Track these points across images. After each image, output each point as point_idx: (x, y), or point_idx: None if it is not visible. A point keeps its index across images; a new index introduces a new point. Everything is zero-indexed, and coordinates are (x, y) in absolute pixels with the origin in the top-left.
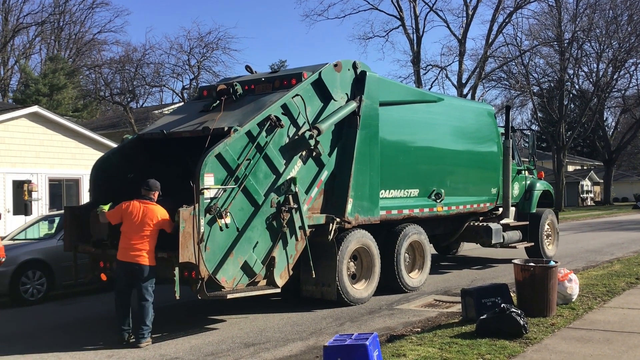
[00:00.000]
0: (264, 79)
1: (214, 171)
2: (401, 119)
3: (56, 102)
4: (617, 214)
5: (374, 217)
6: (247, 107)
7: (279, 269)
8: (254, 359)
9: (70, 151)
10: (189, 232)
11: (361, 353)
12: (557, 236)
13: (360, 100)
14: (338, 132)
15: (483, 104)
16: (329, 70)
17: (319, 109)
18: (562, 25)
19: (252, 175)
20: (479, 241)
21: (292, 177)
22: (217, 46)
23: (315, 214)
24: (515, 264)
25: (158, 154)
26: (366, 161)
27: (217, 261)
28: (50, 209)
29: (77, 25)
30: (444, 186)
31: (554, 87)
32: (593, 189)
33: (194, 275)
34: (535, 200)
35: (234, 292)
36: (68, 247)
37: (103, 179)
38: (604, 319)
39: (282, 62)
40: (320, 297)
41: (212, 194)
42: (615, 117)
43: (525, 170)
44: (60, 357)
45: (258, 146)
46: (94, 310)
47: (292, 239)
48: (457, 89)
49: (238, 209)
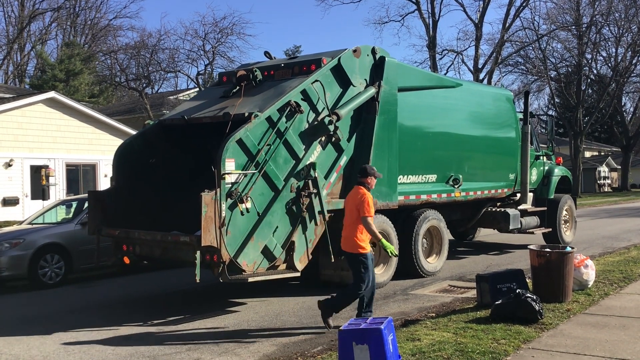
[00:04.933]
0: (283, 64)
1: (235, 156)
2: (419, 105)
3: (72, 88)
4: (634, 200)
5: (392, 202)
6: (267, 93)
7: (298, 253)
8: (269, 342)
9: (87, 136)
10: (211, 216)
11: (376, 337)
12: (575, 222)
13: (379, 85)
14: (357, 118)
15: (502, 89)
16: (348, 55)
17: (338, 94)
18: (580, 9)
19: (272, 161)
20: (496, 227)
21: (311, 163)
22: (231, 31)
23: (334, 199)
24: (531, 250)
25: (178, 139)
26: (385, 147)
27: (238, 245)
28: (67, 193)
29: (92, 11)
30: (462, 172)
31: (572, 72)
32: (610, 175)
33: (215, 258)
34: (553, 186)
35: (255, 275)
36: (92, 231)
37: (126, 164)
38: (620, 305)
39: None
40: (338, 281)
41: (233, 179)
42: (634, 103)
43: (543, 155)
44: (78, 338)
45: (278, 132)
46: (112, 293)
47: (311, 224)
48: (473, 74)
49: (258, 194)
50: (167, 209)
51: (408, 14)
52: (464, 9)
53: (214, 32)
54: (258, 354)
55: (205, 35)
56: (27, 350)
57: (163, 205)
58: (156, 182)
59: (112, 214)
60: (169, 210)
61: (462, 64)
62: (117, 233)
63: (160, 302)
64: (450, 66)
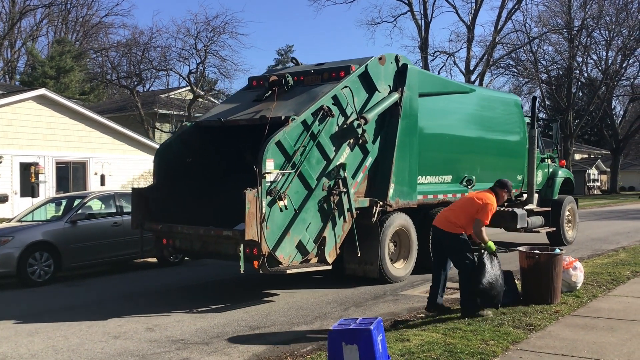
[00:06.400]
0: (313, 71)
1: (274, 157)
2: (437, 109)
3: (63, 85)
4: (623, 203)
5: (412, 201)
6: (299, 98)
7: (328, 248)
8: (258, 342)
9: (77, 134)
10: (253, 212)
11: (365, 337)
12: (577, 222)
13: (402, 91)
14: (381, 122)
15: (511, 95)
16: (374, 63)
17: (364, 99)
18: (571, 12)
19: (306, 161)
20: (503, 226)
21: (341, 163)
22: (224, 30)
23: (360, 197)
24: (520, 252)
25: (212, 140)
26: (406, 149)
27: (275, 239)
28: (57, 191)
29: (84, 8)
30: (475, 173)
31: (563, 74)
32: (600, 177)
33: (255, 252)
34: (557, 188)
35: (292, 268)
36: (135, 225)
37: (165, 163)
38: (608, 307)
39: (289, 47)
40: (362, 275)
41: (272, 178)
42: (624, 106)
43: (548, 158)
44: (67, 336)
45: (312, 134)
46: (101, 291)
47: (340, 220)
48: (465, 75)
49: (294, 192)
50: (202, 206)
51: (400, 15)
52: (456, 10)
53: (206, 30)
54: (247, 354)
55: (198, 33)
56: (15, 348)
57: (198, 202)
58: (192, 180)
59: (153, 209)
60: (203, 206)
61: (454, 65)
62: (159, 227)
63: (150, 301)
64: (442, 68)
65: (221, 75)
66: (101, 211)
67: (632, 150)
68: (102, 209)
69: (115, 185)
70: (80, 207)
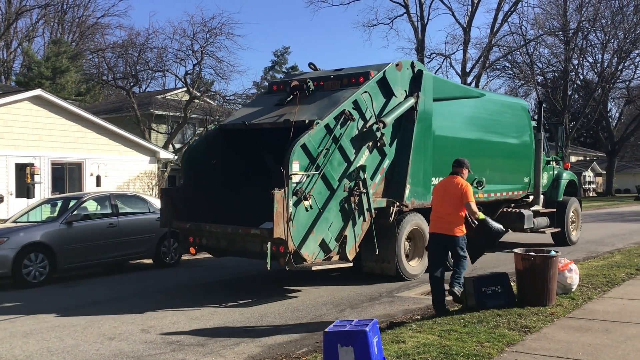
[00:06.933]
0: (333, 76)
1: (299, 159)
2: (449, 113)
3: (59, 86)
4: (619, 205)
5: (426, 201)
6: (321, 102)
7: (348, 246)
8: (254, 344)
9: (73, 135)
10: (281, 211)
11: (361, 339)
12: (580, 223)
13: (417, 96)
14: (397, 125)
15: (518, 99)
16: (391, 69)
17: (382, 104)
18: (567, 15)
19: (329, 163)
20: (511, 226)
21: (361, 165)
22: (220, 31)
23: (378, 198)
24: (516, 254)
25: (235, 142)
26: (421, 151)
27: (300, 238)
28: (52, 192)
29: (80, 9)
30: (484, 175)
31: (558, 77)
32: (595, 180)
33: (281, 249)
34: (562, 189)
35: (316, 264)
36: (164, 224)
37: (192, 165)
38: (603, 309)
39: (286, 49)
40: (379, 272)
41: (297, 179)
42: (619, 108)
43: (553, 161)
44: (61, 337)
45: (334, 137)
46: (97, 292)
47: (360, 220)
48: (461, 77)
49: (317, 193)
50: (224, 206)
51: (397, 17)
52: (452, 13)
53: (203, 32)
54: (243, 355)
55: (194, 35)
56: (9, 349)
57: (220, 202)
58: (215, 181)
59: (180, 209)
60: (225, 206)
61: (450, 67)
62: (187, 226)
63: (145, 302)
64: (438, 70)
65: (217, 76)
66: (97, 212)
67: (627, 152)
68: (97, 210)
69: (111, 186)
70: (75, 208)
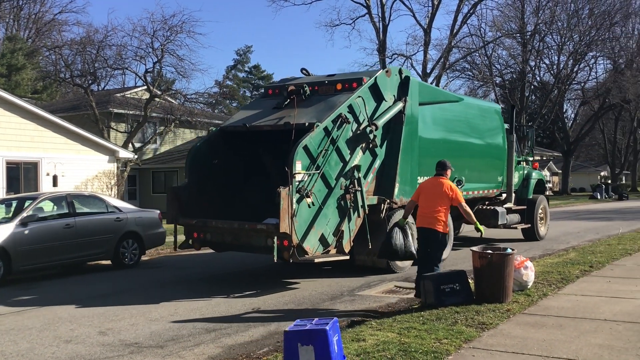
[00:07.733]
0: (327, 81)
1: (301, 159)
2: (432, 116)
3: (14, 83)
4: (574, 204)
5: None
6: (318, 106)
7: (344, 241)
8: (214, 345)
9: (29, 134)
10: (285, 208)
11: (321, 338)
12: (548, 219)
13: (405, 101)
14: (387, 128)
15: (492, 104)
16: (382, 75)
17: (373, 108)
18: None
19: (327, 163)
20: (486, 222)
21: (356, 165)
22: (181, 29)
23: (370, 195)
24: (474, 252)
25: (235, 144)
26: (409, 152)
27: (302, 232)
28: (7, 192)
29: (37, 5)
30: (464, 174)
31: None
32: (552, 179)
33: (286, 243)
34: (531, 188)
35: (317, 257)
36: (170, 221)
37: (195, 164)
38: (557, 305)
39: (248, 48)
40: (371, 265)
41: (300, 178)
42: (575, 109)
43: (523, 161)
44: (16, 342)
45: (332, 139)
46: (54, 295)
47: (354, 216)
48: (422, 78)
49: (317, 191)
50: (226, 203)
51: (359, 17)
52: (413, 14)
53: (163, 29)
54: (203, 356)
55: (154, 32)
56: None
57: (222, 199)
58: (216, 180)
59: (185, 206)
60: (226, 204)
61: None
62: (194, 222)
63: (103, 304)
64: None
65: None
66: (53, 213)
67: (582, 152)
68: (54, 210)
69: (69, 186)
70: (31, 209)
